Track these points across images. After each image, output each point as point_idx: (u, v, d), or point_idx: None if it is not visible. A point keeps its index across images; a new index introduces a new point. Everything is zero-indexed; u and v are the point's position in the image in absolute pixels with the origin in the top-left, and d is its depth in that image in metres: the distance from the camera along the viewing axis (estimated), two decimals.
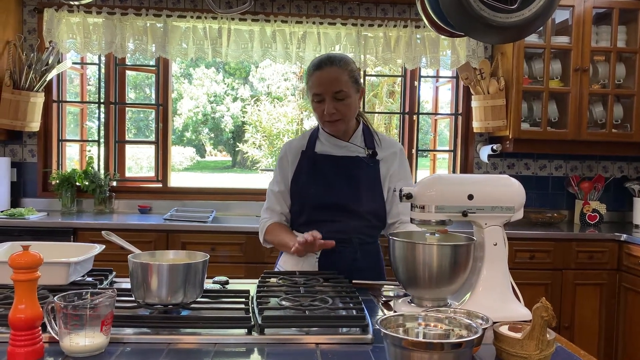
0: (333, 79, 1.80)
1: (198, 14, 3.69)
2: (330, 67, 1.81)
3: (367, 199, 1.88)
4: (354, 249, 1.86)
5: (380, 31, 3.81)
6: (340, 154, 1.91)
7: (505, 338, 1.12)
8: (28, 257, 1.08)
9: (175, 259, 1.46)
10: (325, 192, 1.87)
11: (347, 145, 1.92)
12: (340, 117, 1.84)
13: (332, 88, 1.80)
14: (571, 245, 3.36)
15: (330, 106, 1.81)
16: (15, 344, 1.05)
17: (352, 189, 1.87)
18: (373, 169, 1.91)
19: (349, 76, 1.83)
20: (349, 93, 1.82)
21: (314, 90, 1.83)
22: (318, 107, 1.84)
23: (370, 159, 1.91)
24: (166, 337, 1.19)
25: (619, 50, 3.67)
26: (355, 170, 1.89)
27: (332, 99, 1.81)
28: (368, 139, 1.96)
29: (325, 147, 1.93)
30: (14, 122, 3.55)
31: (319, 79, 1.82)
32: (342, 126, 1.88)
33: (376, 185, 1.91)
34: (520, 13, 1.35)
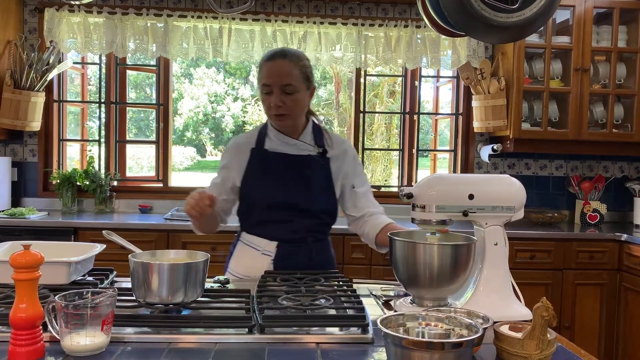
0: (283, 72, 1.79)
1: (199, 14, 3.69)
2: (282, 60, 1.80)
3: (319, 197, 1.87)
4: (308, 248, 1.86)
5: (381, 31, 3.80)
6: (291, 152, 1.88)
7: (505, 338, 1.12)
8: (29, 256, 1.08)
9: (175, 258, 1.46)
10: (277, 192, 1.84)
11: (296, 143, 1.89)
12: (287, 112, 1.81)
13: (281, 81, 1.78)
14: (572, 245, 3.36)
15: (278, 99, 1.78)
16: (16, 343, 1.06)
17: (305, 188, 1.85)
18: (324, 167, 1.90)
19: (300, 71, 1.81)
20: (298, 88, 1.80)
21: (263, 81, 1.81)
22: (266, 99, 1.82)
23: (320, 157, 1.89)
24: (167, 337, 1.19)
25: (619, 50, 3.66)
26: (307, 169, 1.87)
27: (281, 91, 1.78)
28: (318, 137, 1.93)
29: (274, 144, 1.89)
30: (14, 122, 3.55)
31: (269, 70, 1.80)
32: (289, 122, 1.85)
33: (328, 184, 1.90)
34: (521, 13, 1.35)
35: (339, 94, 10.35)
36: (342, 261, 3.29)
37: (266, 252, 1.84)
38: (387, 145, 9.78)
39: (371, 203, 1.97)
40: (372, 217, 1.94)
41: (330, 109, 10.73)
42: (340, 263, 3.29)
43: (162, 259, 1.45)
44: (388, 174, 9.91)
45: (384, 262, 3.26)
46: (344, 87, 10.08)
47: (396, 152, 4.34)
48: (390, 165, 9.86)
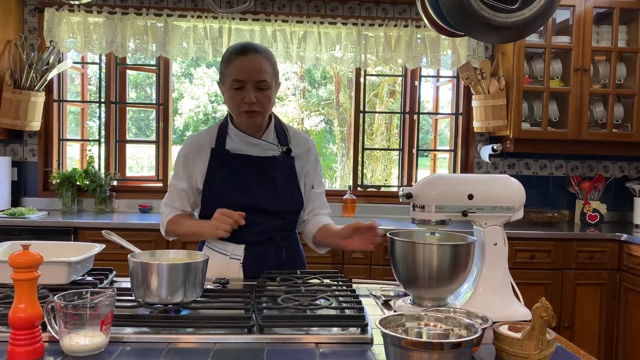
0: (258, 67, 1.71)
1: (199, 14, 3.69)
2: (256, 55, 1.73)
3: (285, 199, 1.84)
4: (277, 247, 1.85)
5: (381, 31, 3.80)
6: (255, 154, 1.82)
7: (505, 338, 1.12)
8: (28, 256, 1.08)
9: (175, 258, 1.46)
10: (243, 196, 1.79)
11: (259, 142, 1.83)
12: (260, 109, 1.75)
13: (256, 76, 1.71)
14: (572, 245, 3.36)
15: (251, 95, 1.71)
16: (15, 343, 1.06)
17: (270, 190, 1.81)
18: (289, 167, 1.86)
19: (271, 68, 1.76)
20: (270, 84, 1.75)
21: (235, 76, 1.71)
22: (237, 95, 1.73)
23: (285, 156, 1.85)
24: (166, 337, 1.19)
25: (619, 50, 3.66)
26: (271, 170, 1.82)
27: (254, 87, 1.71)
28: (280, 135, 1.88)
29: (236, 144, 1.83)
30: (14, 122, 3.55)
31: (242, 64, 1.71)
32: (259, 119, 1.79)
33: (293, 184, 1.87)
34: (521, 13, 1.35)
35: (339, 94, 10.34)
36: (342, 261, 3.29)
37: (234, 255, 1.80)
38: (387, 145, 9.78)
39: (322, 204, 1.97)
40: (315, 216, 1.93)
41: (330, 108, 10.72)
42: (340, 263, 3.29)
43: (162, 259, 1.45)
44: (388, 174, 9.90)
45: (384, 262, 3.26)
46: (344, 87, 10.08)
47: (396, 152, 4.34)
48: (390, 165, 9.85)
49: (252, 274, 1.75)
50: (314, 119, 11.20)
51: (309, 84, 11.18)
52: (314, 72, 10.77)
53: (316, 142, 8.13)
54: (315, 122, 11.19)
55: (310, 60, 3.80)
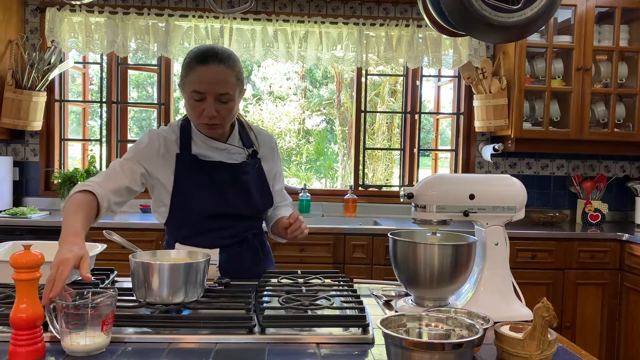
0: (219, 79, 1.62)
1: (200, 14, 3.70)
2: (218, 66, 1.62)
3: (258, 201, 1.83)
4: (251, 246, 1.85)
5: (382, 30, 3.80)
6: (224, 160, 1.77)
7: (506, 338, 1.12)
8: (29, 256, 1.08)
9: (176, 258, 1.46)
10: (218, 202, 1.74)
11: (226, 147, 1.78)
12: (220, 122, 1.67)
13: (217, 89, 1.61)
14: (573, 245, 3.35)
15: (212, 108, 1.63)
16: (17, 343, 1.06)
17: (244, 195, 1.78)
18: (258, 169, 1.84)
19: (235, 77, 1.66)
20: (233, 96, 1.66)
21: (195, 87, 1.62)
22: (196, 107, 1.64)
23: (252, 159, 1.82)
24: (167, 337, 1.19)
25: (621, 50, 3.66)
26: (244, 175, 1.79)
27: (215, 100, 1.63)
28: (245, 137, 1.85)
29: (202, 149, 1.75)
30: (16, 122, 3.56)
31: (202, 75, 1.61)
32: (220, 130, 1.73)
33: (263, 185, 1.86)
34: (522, 12, 1.34)
35: (340, 94, 10.34)
36: (343, 261, 3.29)
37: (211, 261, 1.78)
38: (389, 145, 9.78)
39: (282, 197, 1.98)
40: (274, 210, 1.94)
41: (331, 108, 10.72)
42: (342, 262, 3.29)
43: (163, 259, 1.45)
44: (389, 174, 9.90)
45: (385, 261, 3.26)
46: (345, 87, 10.07)
47: (397, 151, 4.34)
48: (392, 165, 9.85)
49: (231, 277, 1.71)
50: (315, 118, 11.19)
51: (310, 84, 11.18)
52: (315, 71, 10.77)
53: (317, 142, 8.12)
54: (317, 122, 11.18)
55: (312, 59, 3.80)
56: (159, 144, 1.75)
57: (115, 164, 1.73)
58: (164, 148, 1.75)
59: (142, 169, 1.74)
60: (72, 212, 1.48)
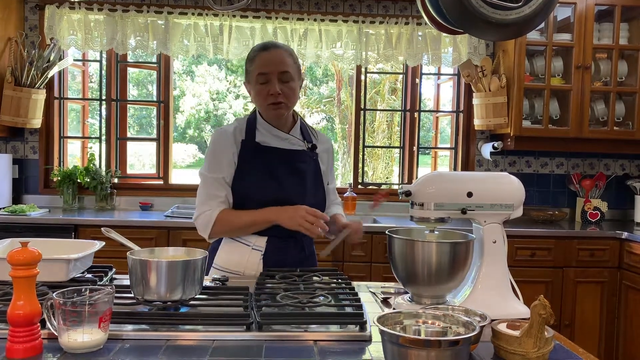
0: (280, 59, 1.79)
1: (199, 11, 3.69)
2: (277, 49, 1.82)
3: (311, 193, 1.87)
4: (298, 242, 1.87)
5: (382, 28, 3.80)
6: (284, 147, 1.86)
7: (503, 335, 1.12)
8: (26, 253, 1.08)
9: (174, 255, 1.46)
10: (273, 187, 1.80)
11: (288, 137, 1.87)
12: (285, 100, 1.79)
13: (279, 68, 1.78)
14: (572, 243, 3.36)
15: (276, 86, 1.77)
16: (14, 340, 1.06)
17: (298, 183, 1.84)
18: (315, 162, 1.91)
19: (293, 61, 1.83)
20: (294, 76, 1.81)
21: (259, 70, 1.78)
22: (263, 89, 1.79)
23: (311, 152, 1.90)
24: (165, 334, 1.19)
25: (621, 48, 3.65)
26: (300, 163, 1.86)
27: (278, 80, 1.78)
28: (306, 133, 1.95)
29: (266, 137, 1.85)
30: (15, 119, 3.56)
31: (265, 59, 1.79)
32: (285, 111, 1.83)
33: (318, 179, 1.91)
34: (520, 10, 1.34)
35: (340, 91, 10.34)
36: (342, 259, 3.29)
37: (256, 247, 1.82)
38: (389, 143, 9.78)
39: (335, 196, 2.08)
40: (328, 208, 2.00)
41: (331, 106, 10.72)
42: (341, 261, 3.29)
43: (161, 256, 1.45)
44: (389, 172, 9.90)
45: (384, 259, 3.26)
46: (345, 85, 10.07)
47: (397, 149, 4.34)
48: (392, 163, 9.85)
49: (272, 266, 1.79)
50: (315, 116, 11.19)
51: (310, 82, 11.18)
52: (315, 69, 10.77)
53: None
54: (317, 120, 11.18)
55: (311, 57, 3.80)
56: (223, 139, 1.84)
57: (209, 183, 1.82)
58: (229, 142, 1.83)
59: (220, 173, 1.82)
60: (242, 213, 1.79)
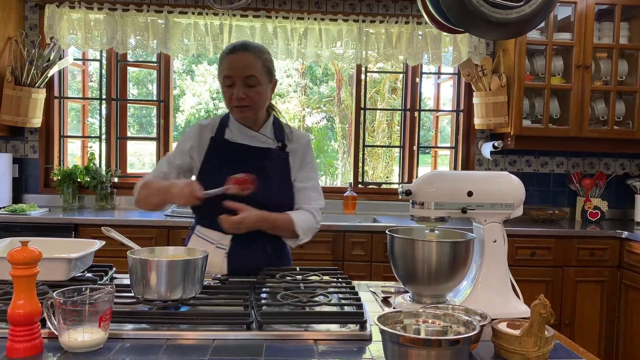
0: (245, 64, 1.78)
1: (199, 10, 3.69)
2: (244, 53, 1.80)
3: (277, 191, 1.85)
4: (263, 242, 1.84)
5: (382, 27, 3.80)
6: (251, 144, 1.88)
7: (503, 335, 1.12)
8: (27, 252, 1.08)
9: (174, 255, 1.46)
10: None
11: (256, 135, 1.89)
12: (249, 104, 1.80)
13: (243, 72, 1.78)
14: (572, 243, 3.36)
15: (240, 91, 1.78)
16: (14, 339, 1.06)
17: (263, 181, 1.80)
18: (283, 160, 1.89)
19: (262, 65, 1.81)
20: (261, 80, 1.80)
21: (225, 73, 1.80)
22: (228, 91, 1.81)
23: (280, 150, 1.89)
24: (165, 333, 1.19)
25: (621, 47, 3.65)
26: (266, 161, 1.86)
27: (243, 84, 1.78)
28: (278, 131, 1.93)
29: (234, 135, 1.89)
30: (15, 118, 3.56)
31: (231, 62, 1.80)
32: (250, 114, 1.84)
33: (286, 178, 1.89)
34: (520, 9, 1.34)
35: (340, 91, 10.34)
36: (342, 258, 3.29)
37: (220, 245, 1.81)
38: (389, 142, 9.77)
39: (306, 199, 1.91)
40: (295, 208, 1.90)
41: (331, 105, 10.72)
42: (341, 260, 3.29)
43: (161, 255, 1.45)
44: (389, 171, 9.90)
45: (384, 259, 3.26)
46: (345, 84, 10.07)
47: (397, 149, 4.34)
48: (392, 162, 9.85)
49: (236, 265, 1.77)
50: (315, 116, 11.18)
51: (310, 81, 11.17)
52: (315, 69, 10.76)
53: (317, 139, 8.09)
54: (317, 119, 11.18)
55: (311, 57, 3.80)
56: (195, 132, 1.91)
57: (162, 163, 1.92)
58: (198, 134, 1.90)
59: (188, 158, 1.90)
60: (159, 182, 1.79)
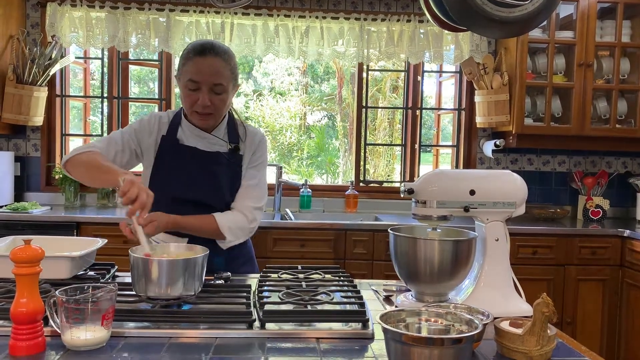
0: (215, 70, 1.70)
1: (201, 8, 3.69)
2: (214, 58, 1.71)
3: (227, 194, 1.82)
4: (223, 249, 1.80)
5: (384, 25, 3.79)
6: (201, 147, 1.81)
7: (506, 333, 1.12)
8: (29, 251, 1.08)
9: (176, 253, 1.46)
10: (186, 188, 1.78)
11: (207, 136, 1.82)
12: (212, 112, 1.74)
13: (212, 79, 1.70)
14: (574, 241, 3.35)
15: (206, 98, 1.70)
16: (17, 337, 1.06)
17: (213, 185, 1.79)
18: (234, 164, 1.84)
19: (230, 71, 1.74)
20: (227, 88, 1.74)
21: (190, 77, 1.70)
22: (191, 96, 1.71)
23: (231, 154, 1.83)
24: (167, 332, 1.19)
25: (623, 45, 3.64)
26: (215, 166, 1.81)
27: (209, 90, 1.71)
28: (232, 132, 1.87)
29: (186, 136, 1.82)
30: (17, 117, 3.56)
31: (198, 66, 1.70)
32: (212, 122, 1.79)
33: (236, 181, 1.84)
34: (523, 7, 1.34)
35: (341, 89, 10.33)
36: (343, 257, 3.29)
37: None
38: (390, 141, 9.77)
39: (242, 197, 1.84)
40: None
41: (332, 104, 10.71)
42: (342, 258, 3.29)
43: (162, 253, 1.45)
44: (391, 170, 9.90)
45: (386, 257, 3.26)
46: (346, 82, 10.06)
47: (399, 147, 4.33)
48: (393, 161, 9.85)
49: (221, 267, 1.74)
50: (316, 114, 11.18)
51: (311, 79, 11.16)
52: (316, 67, 10.75)
53: (318, 138, 8.08)
54: (318, 118, 11.17)
55: (313, 55, 3.79)
56: (152, 123, 1.84)
57: (117, 133, 1.83)
58: (156, 129, 1.84)
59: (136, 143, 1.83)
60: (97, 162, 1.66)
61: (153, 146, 1.83)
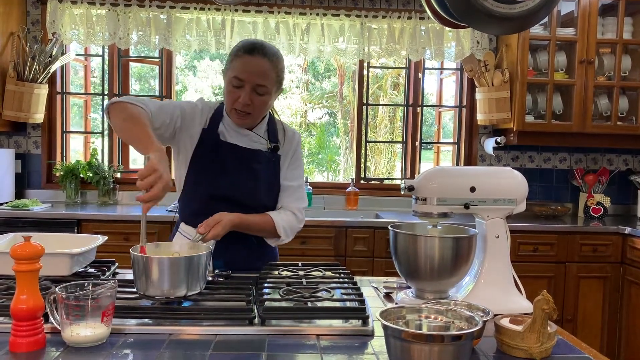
0: (261, 71, 1.69)
1: (201, 5, 3.68)
2: (262, 58, 1.70)
3: (263, 194, 1.81)
4: (249, 243, 1.80)
5: (384, 22, 3.78)
6: (242, 145, 1.79)
7: (506, 330, 1.12)
8: (29, 248, 1.08)
9: (179, 251, 1.46)
10: (225, 185, 1.77)
11: (249, 134, 1.81)
12: (252, 112, 1.73)
13: (257, 80, 1.69)
14: (575, 238, 3.35)
15: (247, 97, 1.69)
16: (17, 334, 1.06)
17: (251, 184, 1.78)
18: (274, 163, 1.83)
19: (276, 75, 1.73)
20: (270, 90, 1.73)
21: (236, 74, 1.69)
22: (233, 92, 1.71)
23: (271, 153, 1.82)
24: (167, 328, 1.19)
25: (625, 42, 3.64)
26: (255, 164, 1.79)
27: (252, 90, 1.70)
28: (272, 131, 1.86)
29: (227, 131, 1.80)
30: (18, 114, 3.56)
31: (246, 64, 1.69)
32: (250, 121, 1.78)
33: (274, 181, 1.84)
34: (524, 3, 1.33)
35: (342, 86, 10.32)
36: (344, 254, 3.30)
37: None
38: (391, 138, 9.77)
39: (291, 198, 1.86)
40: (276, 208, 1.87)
41: (333, 101, 10.70)
42: (343, 255, 3.29)
43: (165, 251, 1.45)
44: (391, 167, 9.90)
45: (387, 254, 3.26)
46: (347, 80, 10.05)
47: (399, 144, 4.33)
48: (394, 158, 9.85)
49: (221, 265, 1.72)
50: (317, 111, 11.17)
51: (312, 77, 11.15)
52: (317, 64, 10.74)
53: (319, 135, 8.11)
54: (319, 115, 11.17)
55: (314, 52, 3.79)
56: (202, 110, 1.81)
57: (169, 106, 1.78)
58: (203, 120, 1.81)
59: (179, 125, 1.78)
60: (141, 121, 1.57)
61: (195, 136, 1.79)
